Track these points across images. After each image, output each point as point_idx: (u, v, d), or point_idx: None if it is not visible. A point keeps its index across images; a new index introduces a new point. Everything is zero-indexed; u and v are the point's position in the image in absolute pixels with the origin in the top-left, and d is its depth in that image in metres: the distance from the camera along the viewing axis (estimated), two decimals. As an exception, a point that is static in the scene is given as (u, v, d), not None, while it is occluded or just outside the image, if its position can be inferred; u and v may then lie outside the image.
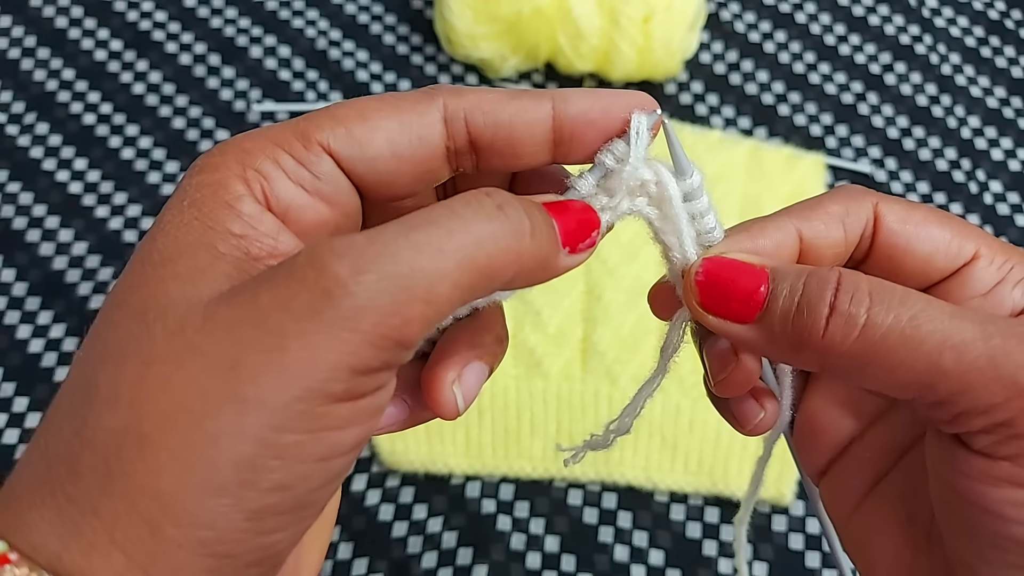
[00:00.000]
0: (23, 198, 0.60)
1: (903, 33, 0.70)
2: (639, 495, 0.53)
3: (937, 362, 0.23)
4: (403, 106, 0.24)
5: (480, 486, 0.53)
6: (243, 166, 0.23)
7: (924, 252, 0.26)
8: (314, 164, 0.23)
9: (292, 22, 0.68)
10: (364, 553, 0.50)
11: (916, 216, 0.27)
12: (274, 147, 0.23)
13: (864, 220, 0.27)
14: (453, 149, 0.25)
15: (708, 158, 0.61)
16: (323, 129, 0.24)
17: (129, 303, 0.22)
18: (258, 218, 0.23)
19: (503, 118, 0.25)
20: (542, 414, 0.54)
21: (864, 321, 0.23)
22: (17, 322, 0.56)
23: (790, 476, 0.52)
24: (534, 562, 0.50)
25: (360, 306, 0.20)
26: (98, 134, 0.63)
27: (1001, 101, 0.68)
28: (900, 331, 0.23)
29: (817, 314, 0.24)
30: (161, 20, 0.68)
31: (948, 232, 0.26)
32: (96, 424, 0.20)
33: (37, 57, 0.65)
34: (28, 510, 0.20)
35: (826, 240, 0.26)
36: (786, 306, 0.24)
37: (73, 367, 0.22)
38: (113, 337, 0.21)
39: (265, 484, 0.20)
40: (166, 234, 0.23)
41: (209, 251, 0.22)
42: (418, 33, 0.68)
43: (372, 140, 0.24)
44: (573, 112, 0.25)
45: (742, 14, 0.70)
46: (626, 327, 0.55)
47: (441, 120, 0.24)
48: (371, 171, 0.24)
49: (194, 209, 0.23)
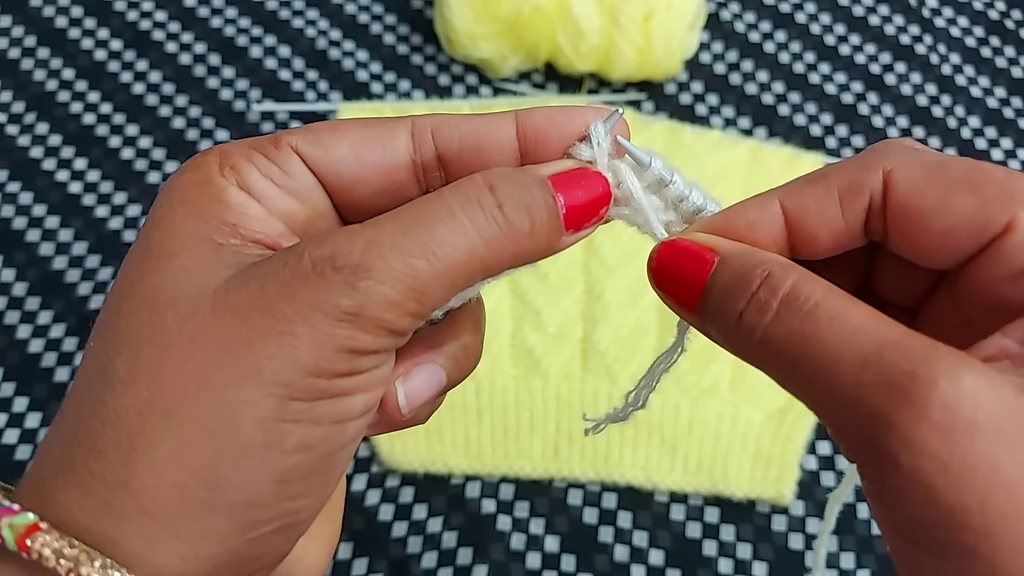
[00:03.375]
0: (23, 198, 0.60)
1: (903, 33, 0.70)
2: (639, 495, 0.53)
3: (813, 393, 0.22)
4: (373, 122, 0.26)
5: (480, 486, 0.52)
6: (221, 165, 0.25)
7: (941, 228, 0.23)
8: (283, 162, 0.25)
9: (292, 22, 0.68)
10: (364, 553, 0.50)
11: (937, 184, 0.23)
12: (248, 149, 0.25)
13: (866, 195, 0.24)
14: (420, 163, 0.26)
15: (708, 158, 0.61)
16: (294, 135, 0.25)
17: (136, 295, 0.23)
18: (245, 205, 0.24)
19: (468, 130, 0.26)
20: (542, 414, 0.54)
21: (761, 334, 0.22)
22: (17, 322, 0.56)
23: (790, 476, 0.52)
24: (534, 562, 0.50)
25: (358, 304, 0.22)
26: (98, 134, 0.63)
27: (1001, 101, 0.68)
28: (789, 348, 0.22)
29: (732, 312, 0.23)
30: (161, 20, 0.68)
31: (976, 201, 0.22)
32: (116, 403, 0.21)
33: (37, 57, 0.65)
34: (52, 490, 0.21)
35: (818, 219, 0.24)
36: (716, 300, 0.24)
37: (85, 358, 0.23)
38: (125, 326, 0.23)
39: (289, 444, 0.22)
40: (161, 230, 0.24)
41: (208, 243, 0.23)
42: (418, 33, 0.68)
43: (337, 144, 0.25)
44: (537, 119, 0.26)
45: (742, 14, 0.70)
46: (626, 327, 0.55)
47: (408, 133, 0.26)
48: (334, 172, 0.25)
49: (185, 206, 0.24)
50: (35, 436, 0.52)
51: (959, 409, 0.18)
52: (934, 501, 0.19)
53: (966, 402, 0.18)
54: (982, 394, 0.19)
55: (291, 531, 0.23)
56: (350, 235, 0.23)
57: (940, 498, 0.19)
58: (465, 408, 0.53)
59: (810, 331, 0.21)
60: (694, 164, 0.61)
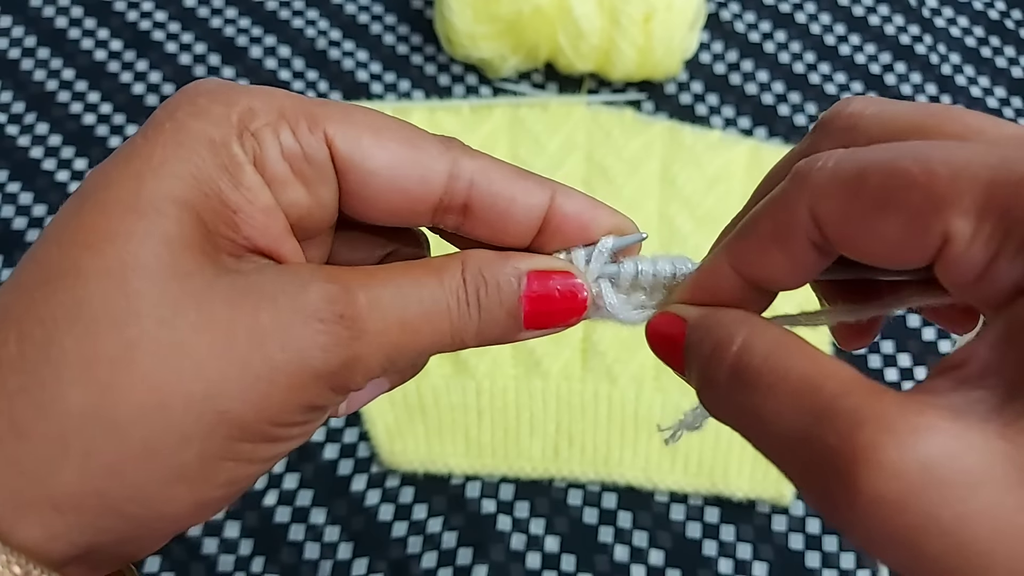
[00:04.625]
0: (23, 198, 0.60)
1: (903, 33, 0.70)
2: (639, 495, 0.53)
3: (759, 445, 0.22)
4: (419, 143, 0.24)
5: (480, 486, 0.52)
6: (244, 126, 0.22)
7: (880, 252, 0.21)
8: (311, 147, 0.23)
9: (292, 22, 0.68)
10: (364, 553, 0.50)
11: (859, 208, 0.21)
12: (280, 118, 0.23)
13: (800, 235, 0.22)
14: (445, 203, 0.25)
15: (708, 158, 0.61)
16: (335, 122, 0.23)
17: (105, 253, 0.20)
18: (256, 192, 0.22)
19: (507, 193, 0.25)
20: (542, 414, 0.54)
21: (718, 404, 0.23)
22: (17, 322, 0.56)
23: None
24: (534, 562, 0.50)
25: (345, 365, 0.22)
26: (98, 134, 0.63)
27: (1001, 101, 0.68)
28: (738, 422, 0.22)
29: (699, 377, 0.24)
30: (161, 20, 0.68)
31: (900, 221, 0.20)
32: (59, 395, 0.20)
33: (37, 57, 0.65)
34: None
35: (765, 269, 0.24)
36: (688, 366, 0.25)
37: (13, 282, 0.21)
38: (86, 294, 0.20)
39: (220, 479, 0.22)
40: (155, 174, 0.21)
41: (198, 222, 0.21)
42: (418, 33, 0.68)
43: (376, 155, 0.23)
44: (569, 210, 0.25)
45: (742, 14, 0.70)
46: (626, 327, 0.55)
47: (447, 173, 0.24)
48: (361, 183, 0.24)
49: (189, 164, 0.21)
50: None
51: (887, 482, 0.18)
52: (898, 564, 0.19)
53: (893, 472, 0.18)
54: (913, 455, 0.18)
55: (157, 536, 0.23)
56: (356, 284, 0.23)
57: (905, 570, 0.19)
58: (465, 408, 0.53)
59: (756, 403, 0.21)
60: (694, 164, 0.61)
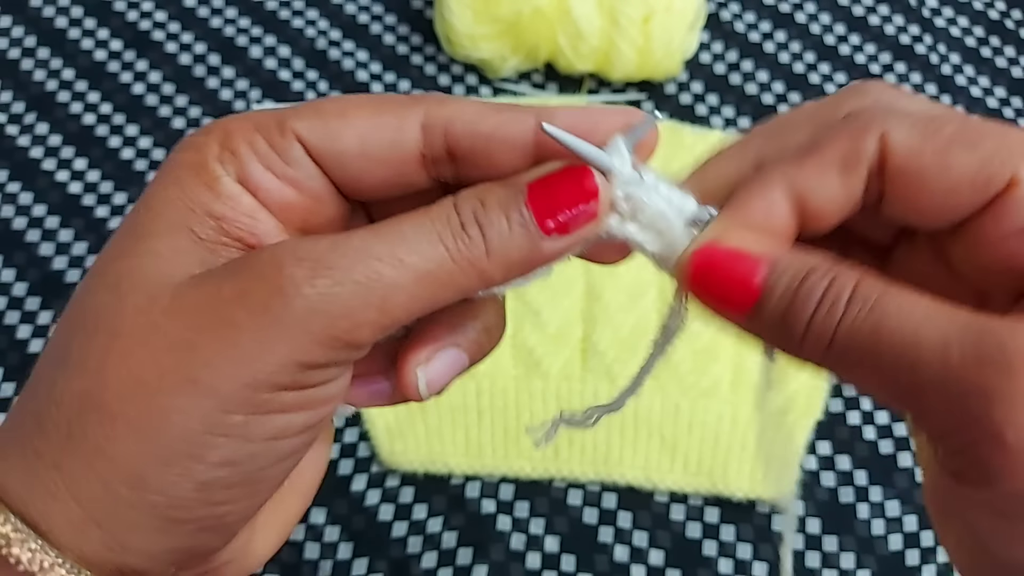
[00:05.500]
0: (23, 198, 0.60)
1: (903, 33, 0.70)
2: (639, 495, 0.53)
3: (893, 383, 0.21)
4: (384, 108, 0.24)
5: (480, 486, 0.53)
6: (222, 147, 0.24)
7: (942, 187, 0.22)
8: (285, 150, 0.24)
9: (292, 22, 0.68)
10: (364, 553, 0.50)
11: (935, 142, 0.22)
12: (253, 131, 0.24)
13: (865, 164, 0.23)
14: (430, 157, 0.25)
15: (708, 158, 0.61)
16: (301, 119, 0.24)
17: (106, 273, 0.23)
18: (237, 199, 0.24)
19: (483, 129, 0.24)
20: (542, 414, 0.54)
21: (832, 335, 0.22)
22: (17, 322, 0.56)
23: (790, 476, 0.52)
24: (534, 562, 0.50)
25: (311, 308, 0.21)
26: (98, 134, 0.63)
27: (1001, 101, 0.68)
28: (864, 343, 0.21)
29: (799, 319, 0.22)
30: (161, 20, 0.68)
31: (977, 157, 0.22)
32: (64, 386, 0.22)
33: (37, 57, 0.65)
34: (1, 459, 0.22)
35: (821, 197, 0.23)
36: (778, 308, 0.22)
37: (54, 330, 0.24)
38: (88, 305, 0.23)
39: (212, 458, 0.21)
40: (149, 209, 0.24)
41: (187, 234, 0.23)
42: (418, 33, 0.68)
43: (343, 134, 0.24)
44: (558, 123, 0.24)
45: (742, 14, 0.70)
46: (626, 327, 0.55)
47: (418, 126, 0.24)
48: (339, 165, 0.24)
49: (176, 187, 0.23)
50: (35, 436, 0.52)
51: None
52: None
53: None
54: None
55: (220, 531, 0.23)
56: (316, 240, 0.22)
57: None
58: (465, 408, 0.53)
59: (883, 322, 0.21)
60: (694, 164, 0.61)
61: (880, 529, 0.52)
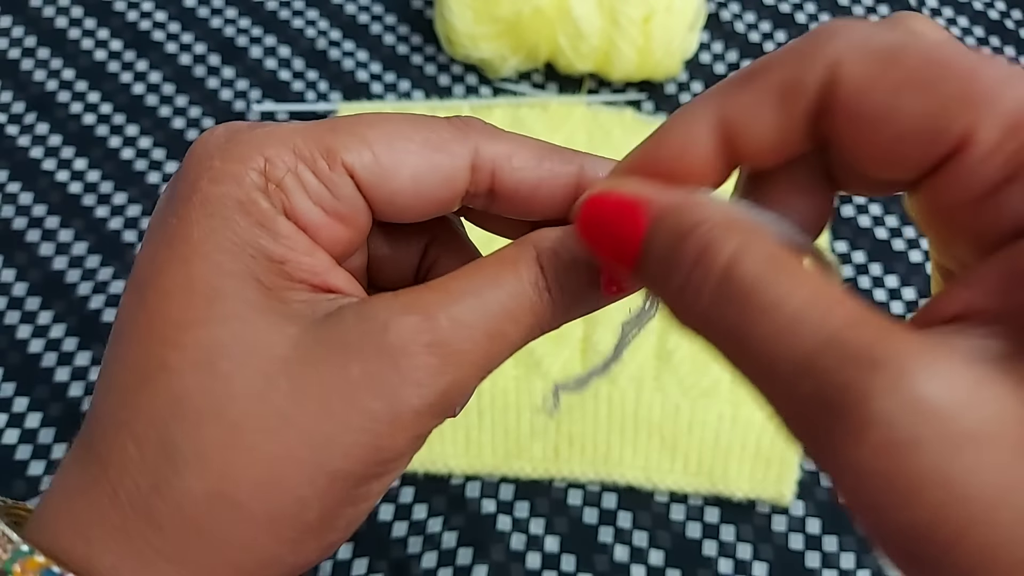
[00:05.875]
0: (23, 198, 0.60)
1: (903, 33, 0.70)
2: (639, 495, 0.53)
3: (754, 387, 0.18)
4: (434, 142, 0.23)
5: (480, 486, 0.53)
6: (265, 178, 0.22)
7: (888, 135, 0.18)
8: (337, 186, 0.22)
9: (292, 22, 0.68)
10: (364, 553, 0.50)
11: (888, 80, 0.18)
12: (296, 160, 0.22)
13: (807, 94, 0.19)
14: (471, 192, 0.24)
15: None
16: (350, 150, 0.22)
17: (186, 345, 0.21)
18: (294, 239, 0.22)
19: (531, 177, 0.24)
20: (542, 414, 0.54)
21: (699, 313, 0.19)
22: (17, 322, 0.56)
23: (790, 476, 0.52)
24: (534, 562, 0.50)
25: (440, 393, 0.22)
26: (98, 134, 0.63)
27: (1001, 101, 0.68)
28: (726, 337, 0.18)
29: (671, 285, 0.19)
30: (161, 20, 0.68)
31: (927, 102, 0.18)
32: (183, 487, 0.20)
33: (37, 57, 0.65)
34: (101, 554, 0.20)
35: (753, 129, 0.20)
36: (652, 267, 0.20)
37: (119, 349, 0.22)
38: (182, 388, 0.21)
39: (341, 524, 0.22)
40: (204, 258, 0.21)
41: (255, 284, 0.21)
42: (418, 33, 0.68)
43: (398, 173, 0.23)
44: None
45: (742, 14, 0.70)
46: (626, 327, 0.55)
47: (469, 167, 0.24)
48: (389, 202, 0.23)
49: (228, 231, 0.21)
50: (35, 436, 0.52)
51: (899, 425, 0.16)
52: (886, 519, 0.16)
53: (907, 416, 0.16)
54: (928, 400, 0.16)
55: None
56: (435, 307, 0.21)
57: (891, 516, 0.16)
58: (465, 408, 0.53)
59: (745, 322, 0.18)
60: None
61: (880, 529, 0.52)
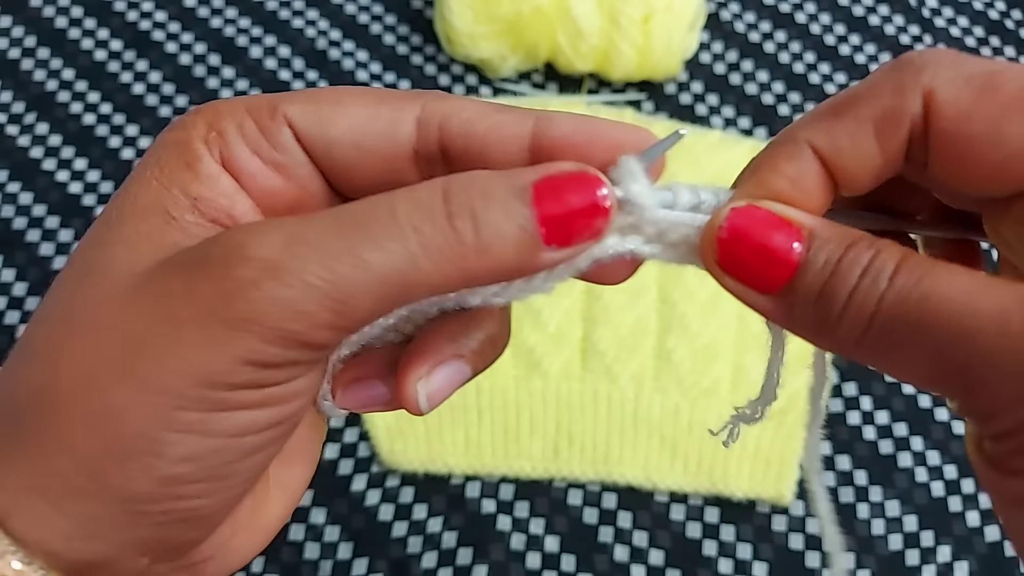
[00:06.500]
0: (23, 198, 0.60)
1: (903, 33, 0.70)
2: (639, 495, 0.53)
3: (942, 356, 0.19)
4: (381, 100, 0.24)
5: (480, 486, 0.53)
6: (208, 127, 0.23)
7: (993, 158, 0.20)
8: (273, 134, 0.23)
9: (292, 22, 0.68)
10: (364, 553, 0.50)
11: (988, 107, 0.20)
12: (243, 113, 0.23)
13: (905, 124, 0.20)
14: (423, 154, 0.24)
15: (708, 158, 0.61)
16: (293, 103, 0.23)
17: (78, 263, 0.22)
18: (215, 179, 0.23)
19: (478, 130, 0.23)
20: (541, 414, 0.54)
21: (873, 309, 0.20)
22: (17, 322, 0.56)
23: (790, 476, 0.52)
24: (534, 562, 0.50)
25: (257, 311, 0.20)
26: (98, 134, 0.63)
27: (1001, 101, 0.68)
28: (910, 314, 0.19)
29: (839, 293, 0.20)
30: (161, 20, 0.68)
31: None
32: (22, 378, 0.21)
33: (37, 57, 0.65)
34: None
35: (854, 158, 0.21)
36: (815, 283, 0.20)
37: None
38: (57, 295, 0.22)
39: (171, 454, 0.20)
40: (127, 192, 0.23)
41: (161, 215, 0.22)
42: (418, 33, 0.68)
43: (335, 123, 0.23)
44: (555, 134, 0.23)
45: (742, 14, 0.70)
46: (625, 327, 0.55)
47: (414, 121, 0.23)
48: (328, 154, 0.24)
49: (156, 169, 0.23)
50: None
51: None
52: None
53: None
54: None
55: (193, 524, 0.22)
56: (275, 225, 0.21)
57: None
58: (465, 408, 0.53)
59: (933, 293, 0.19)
60: (694, 164, 0.61)
61: (880, 529, 0.52)
